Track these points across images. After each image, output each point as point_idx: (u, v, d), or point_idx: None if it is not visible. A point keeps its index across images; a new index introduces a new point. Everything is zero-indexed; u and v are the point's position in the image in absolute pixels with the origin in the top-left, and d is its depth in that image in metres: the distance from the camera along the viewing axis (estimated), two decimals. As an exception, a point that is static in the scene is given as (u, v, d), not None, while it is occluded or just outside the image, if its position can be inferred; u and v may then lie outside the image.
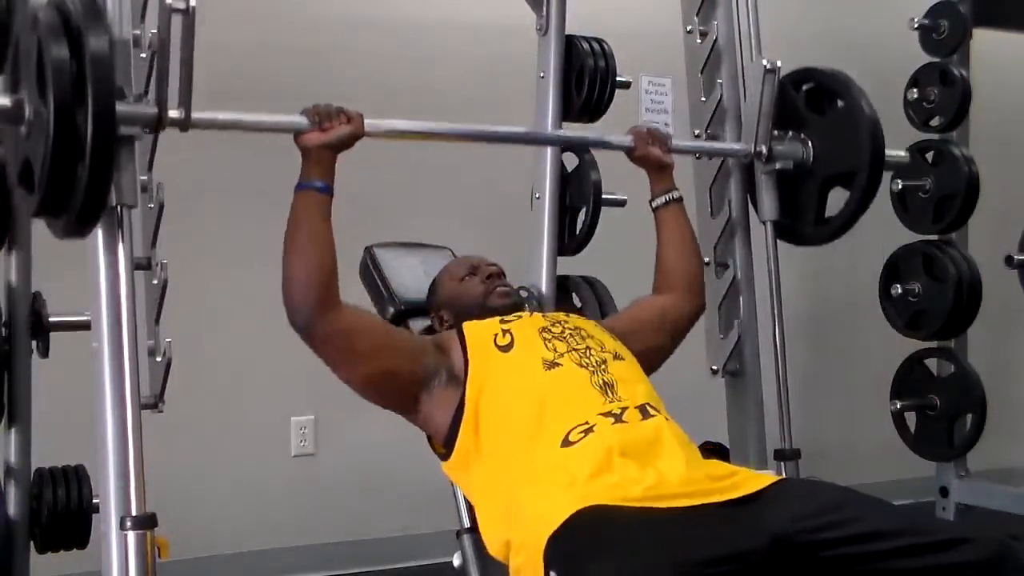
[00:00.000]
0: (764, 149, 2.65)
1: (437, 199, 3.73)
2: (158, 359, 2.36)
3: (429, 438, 2.18)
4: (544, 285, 2.63)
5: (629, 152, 2.42)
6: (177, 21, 1.82)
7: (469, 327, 2.14)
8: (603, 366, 2.05)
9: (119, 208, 1.85)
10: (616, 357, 2.10)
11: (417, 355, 2.10)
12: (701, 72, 2.89)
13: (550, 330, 2.13)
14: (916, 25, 3.84)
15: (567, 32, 2.74)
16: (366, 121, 2.11)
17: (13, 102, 1.77)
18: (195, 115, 1.95)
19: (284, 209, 2.08)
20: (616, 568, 1.58)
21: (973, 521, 3.86)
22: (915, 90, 3.79)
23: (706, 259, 2.84)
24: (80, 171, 1.68)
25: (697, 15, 2.90)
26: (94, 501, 2.19)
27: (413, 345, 2.15)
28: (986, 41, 4.05)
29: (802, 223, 2.71)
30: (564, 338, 2.11)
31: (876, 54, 4.34)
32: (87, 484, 2.23)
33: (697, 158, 2.88)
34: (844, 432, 4.29)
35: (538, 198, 2.69)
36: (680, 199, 2.44)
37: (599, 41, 2.75)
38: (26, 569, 2.23)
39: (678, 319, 2.38)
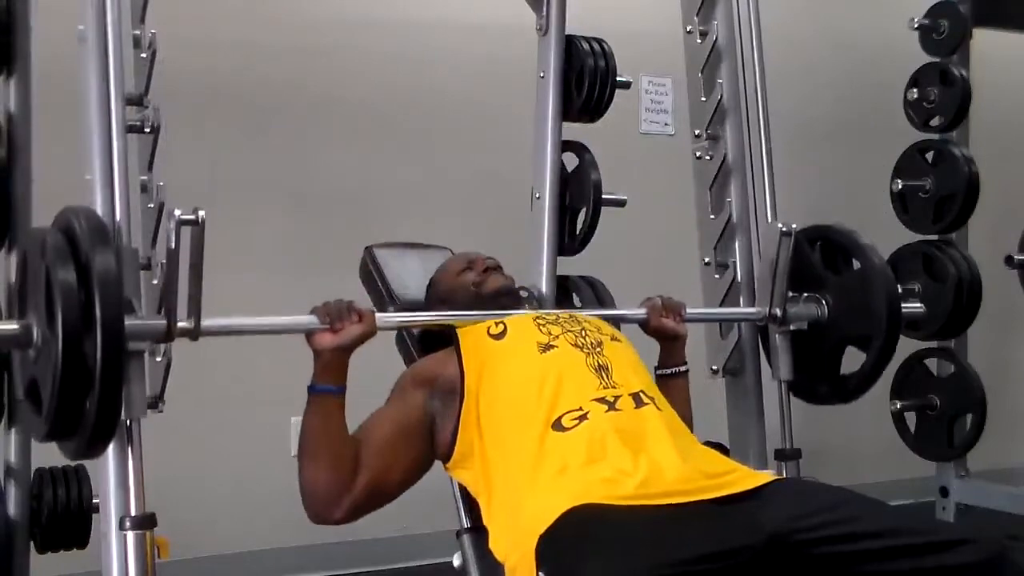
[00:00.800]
0: (779, 312, 2.62)
1: (437, 199, 3.73)
2: (158, 359, 2.36)
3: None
4: (544, 285, 2.63)
5: (643, 324, 2.39)
6: (186, 233, 1.83)
7: (464, 331, 2.15)
8: (599, 348, 2.06)
9: (128, 421, 1.86)
10: (613, 339, 2.12)
11: (415, 424, 2.10)
12: (701, 72, 2.89)
13: (544, 318, 2.15)
14: (916, 25, 3.84)
15: (567, 32, 2.73)
16: (377, 316, 2.11)
17: (22, 327, 1.76)
18: (205, 323, 1.95)
19: (284, 209, 2.08)
20: (605, 567, 1.58)
21: (973, 521, 3.86)
22: (915, 90, 3.79)
23: (706, 259, 2.85)
24: (89, 402, 1.67)
25: (697, 15, 2.90)
26: (94, 501, 2.19)
27: (411, 416, 2.11)
28: (986, 41, 4.05)
29: (816, 382, 2.69)
30: (559, 323, 2.12)
31: (876, 54, 4.35)
32: (87, 484, 2.23)
33: (698, 156, 2.88)
34: (844, 432, 4.28)
35: (538, 198, 2.69)
36: (686, 372, 2.41)
37: (599, 41, 2.75)
38: (26, 569, 2.22)
39: None
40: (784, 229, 2.57)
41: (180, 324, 1.91)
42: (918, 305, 2.91)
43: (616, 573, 1.56)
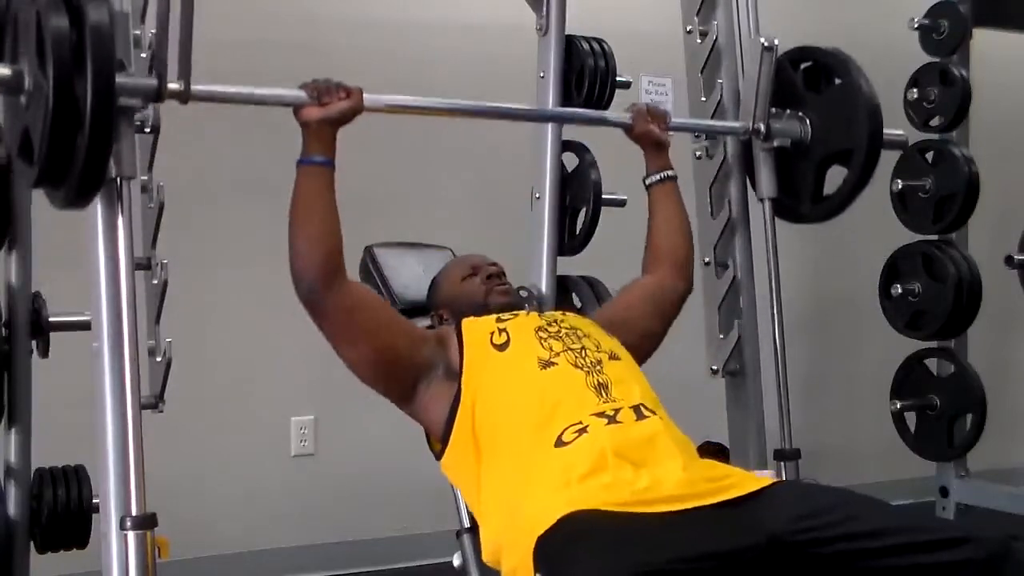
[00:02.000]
0: (762, 127, 2.66)
1: (437, 199, 3.73)
2: (158, 359, 2.36)
3: (427, 434, 2.19)
4: (544, 285, 2.63)
5: (627, 129, 2.45)
6: None
7: (467, 324, 2.15)
8: (598, 367, 2.05)
9: (119, 180, 1.86)
10: (612, 357, 2.10)
11: (418, 342, 2.11)
12: (701, 72, 2.89)
13: (546, 329, 2.13)
14: (916, 25, 3.84)
15: (567, 32, 2.74)
16: (365, 96, 2.12)
17: (12, 72, 1.77)
18: (194, 87, 1.94)
19: (284, 208, 2.08)
20: (601, 567, 1.58)
21: (973, 521, 3.86)
22: (915, 90, 3.79)
23: (706, 259, 2.85)
24: (79, 141, 1.68)
25: (697, 15, 2.90)
26: (94, 501, 2.19)
27: (414, 331, 2.16)
28: (986, 41, 4.05)
29: (800, 201, 2.72)
30: (560, 337, 2.11)
31: (876, 54, 4.32)
32: (87, 484, 2.23)
33: (697, 156, 2.88)
34: (844, 432, 4.29)
35: (538, 198, 2.69)
36: (674, 178, 2.46)
37: (599, 41, 2.76)
38: (26, 569, 2.23)
39: (666, 300, 2.37)
40: (766, 44, 2.62)
41: (170, 85, 1.91)
42: (900, 132, 2.88)
43: (613, 573, 1.56)
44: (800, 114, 2.67)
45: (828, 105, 2.65)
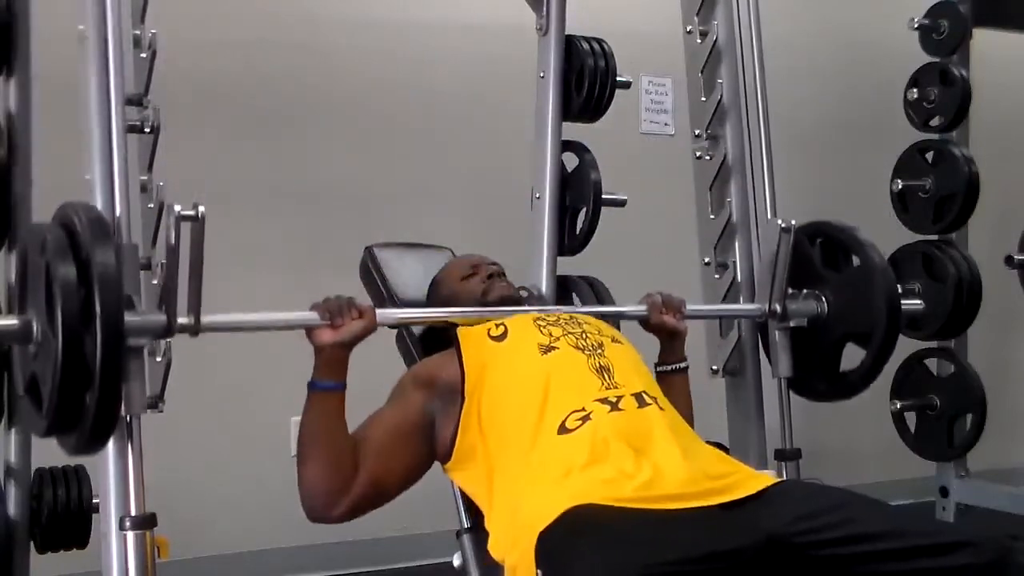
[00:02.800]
0: (779, 308, 2.62)
1: (437, 199, 3.73)
2: (158, 359, 2.36)
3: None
4: (544, 285, 2.63)
5: (643, 321, 2.39)
6: (186, 228, 1.82)
7: (463, 331, 2.15)
8: (599, 349, 2.05)
9: (129, 417, 1.86)
10: (613, 341, 2.11)
11: (422, 424, 2.10)
12: (701, 72, 2.89)
13: (544, 319, 2.15)
14: (916, 25, 3.84)
15: (567, 32, 2.74)
16: (378, 311, 2.11)
17: (21, 323, 1.76)
18: (205, 319, 1.94)
19: (284, 208, 2.08)
20: (600, 565, 1.58)
21: (973, 521, 3.86)
22: (915, 90, 3.79)
23: (706, 259, 2.85)
24: (90, 396, 1.67)
25: (697, 15, 2.90)
26: (94, 501, 2.19)
27: (409, 421, 2.11)
28: (986, 41, 4.05)
29: (816, 378, 2.68)
30: (559, 324, 2.12)
31: (876, 54, 4.35)
32: (87, 484, 2.23)
33: (698, 156, 2.88)
34: (844, 432, 4.28)
35: (538, 198, 2.69)
36: (686, 369, 2.40)
37: (599, 41, 2.75)
38: (26, 569, 2.22)
39: None
40: (784, 226, 2.57)
41: (180, 320, 1.91)
42: (918, 302, 2.91)
43: (611, 571, 1.56)
44: (817, 292, 2.63)
45: (845, 284, 2.61)
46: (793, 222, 2.58)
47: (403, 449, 2.08)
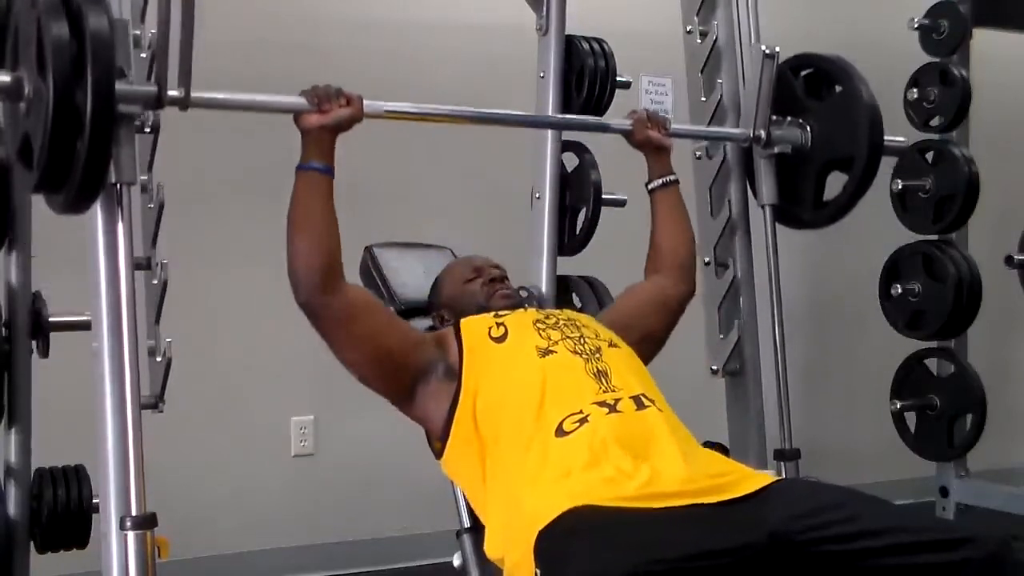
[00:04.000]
0: (763, 133, 2.67)
1: (437, 199, 3.73)
2: (158, 359, 2.36)
3: (427, 433, 2.19)
4: (544, 285, 2.63)
5: (628, 135, 2.45)
6: (177, 2, 1.82)
7: (465, 322, 2.16)
8: (597, 354, 2.06)
9: (118, 186, 1.86)
10: (611, 345, 2.12)
11: (416, 344, 2.12)
12: (701, 72, 2.90)
13: (544, 321, 2.15)
14: (916, 25, 3.84)
15: (567, 32, 2.74)
16: (365, 103, 2.12)
17: (12, 79, 1.77)
18: (194, 94, 1.95)
19: (284, 208, 2.08)
20: (597, 564, 1.58)
21: (973, 521, 3.86)
22: (915, 90, 3.79)
23: (706, 259, 2.85)
24: (79, 147, 1.68)
25: (697, 15, 2.90)
26: (94, 501, 2.19)
27: (413, 334, 2.17)
28: (986, 41, 4.05)
29: (800, 207, 2.73)
30: (558, 328, 2.12)
31: (876, 54, 4.32)
32: (87, 484, 2.23)
33: (697, 156, 2.88)
34: (844, 432, 4.29)
35: (538, 198, 2.70)
36: (676, 182, 2.47)
37: (599, 41, 2.76)
38: (26, 569, 2.23)
39: (669, 303, 2.38)
40: (767, 52, 2.63)
41: (170, 92, 1.91)
42: (901, 139, 2.91)
43: (609, 570, 1.56)
44: (801, 121, 2.68)
45: (829, 112, 2.66)
46: (777, 48, 2.64)
47: (388, 336, 2.09)
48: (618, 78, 2.74)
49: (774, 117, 2.68)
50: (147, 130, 2.37)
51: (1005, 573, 1.67)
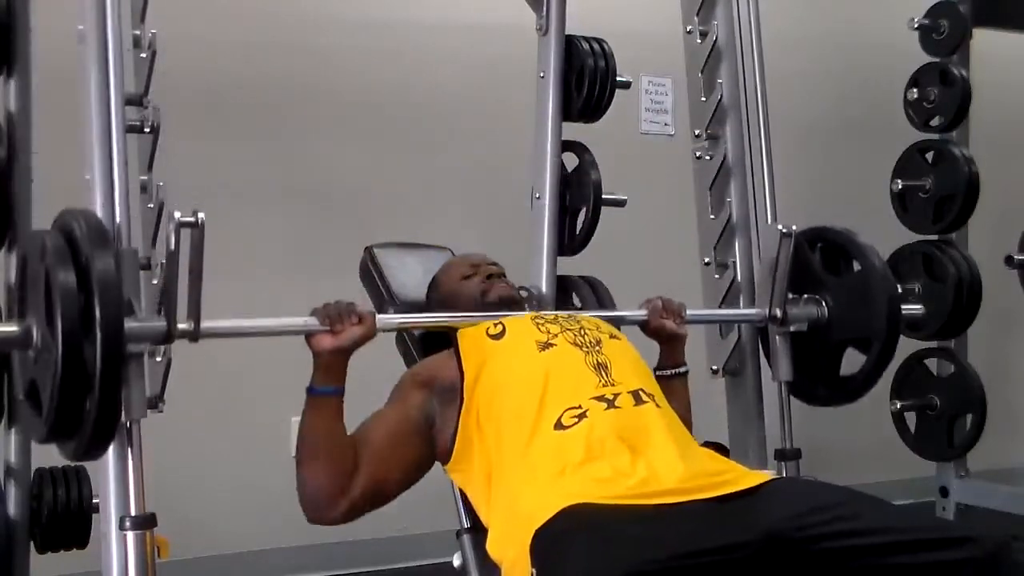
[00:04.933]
0: (779, 312, 2.61)
1: (437, 199, 3.73)
2: (158, 358, 2.36)
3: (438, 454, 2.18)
4: (544, 285, 2.63)
5: (643, 325, 2.39)
6: (186, 235, 1.83)
7: (462, 333, 2.16)
8: (597, 346, 2.06)
9: (128, 423, 1.86)
10: (612, 337, 2.12)
11: (421, 424, 2.10)
12: (701, 72, 2.89)
13: (543, 317, 2.16)
14: (916, 25, 3.84)
15: (567, 32, 2.74)
16: (378, 317, 2.11)
17: (22, 329, 1.76)
18: (205, 324, 1.94)
19: (284, 209, 2.08)
20: (593, 563, 1.58)
21: (973, 521, 3.86)
22: (915, 90, 3.79)
23: (706, 259, 2.85)
24: (89, 402, 1.67)
25: (697, 15, 2.90)
26: (94, 501, 2.19)
27: (413, 421, 2.11)
28: (986, 41, 4.04)
29: (816, 383, 2.68)
30: (557, 321, 2.13)
31: (876, 54, 4.35)
32: (87, 484, 2.23)
33: (698, 156, 2.88)
34: (844, 432, 4.28)
35: (538, 198, 2.69)
36: (686, 374, 2.41)
37: (599, 41, 2.75)
38: (26, 569, 2.22)
39: None
40: (784, 231, 2.57)
41: (180, 326, 1.91)
42: (918, 307, 2.91)
43: (604, 569, 1.56)
44: (817, 297, 2.62)
45: (846, 289, 2.60)
46: (794, 227, 2.58)
47: (402, 450, 2.08)
48: (618, 78, 2.74)
49: (790, 295, 2.62)
50: (147, 130, 2.37)
51: (1005, 573, 1.67)
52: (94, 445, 1.75)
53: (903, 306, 2.60)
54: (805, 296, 2.64)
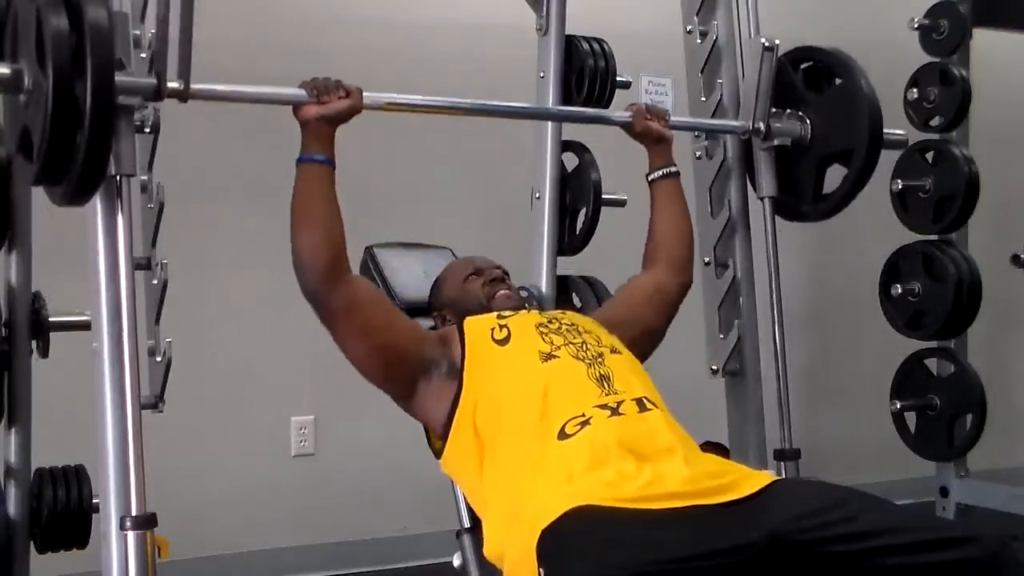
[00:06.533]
0: (762, 126, 2.67)
1: (437, 199, 3.73)
2: (158, 359, 2.36)
3: (426, 432, 2.19)
4: (544, 285, 2.63)
5: (628, 127, 2.46)
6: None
7: (469, 322, 2.16)
8: (600, 359, 2.06)
9: (118, 177, 1.86)
10: (613, 351, 2.11)
11: (420, 340, 2.13)
12: (701, 72, 2.90)
13: (547, 325, 2.15)
14: (916, 25, 3.84)
15: (567, 32, 2.74)
16: (364, 94, 2.13)
17: (12, 71, 1.78)
18: (194, 86, 1.95)
19: (285, 208, 2.08)
20: (598, 564, 1.58)
21: (973, 521, 3.86)
22: (915, 90, 3.79)
23: (706, 259, 2.85)
24: (79, 139, 1.69)
25: (697, 15, 2.90)
26: (94, 501, 2.19)
27: (417, 330, 2.17)
28: (986, 41, 4.05)
29: (800, 200, 2.73)
30: (561, 332, 2.12)
31: (876, 54, 4.32)
32: (87, 484, 2.23)
33: (697, 156, 2.88)
34: (844, 432, 4.29)
35: (538, 198, 2.69)
36: (676, 174, 2.48)
37: (599, 41, 2.76)
38: (26, 569, 2.22)
39: (667, 296, 2.38)
40: (767, 44, 2.63)
41: (170, 84, 1.91)
42: (901, 132, 2.89)
43: (611, 570, 1.56)
44: (800, 114, 2.69)
45: (828, 105, 2.66)
46: (777, 41, 2.64)
47: (396, 333, 2.09)
48: (618, 78, 2.74)
49: (773, 110, 2.68)
50: (147, 130, 2.37)
51: (1005, 573, 1.67)
52: (82, 188, 1.77)
53: (886, 130, 2.63)
54: (788, 111, 2.70)
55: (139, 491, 1.83)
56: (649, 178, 2.46)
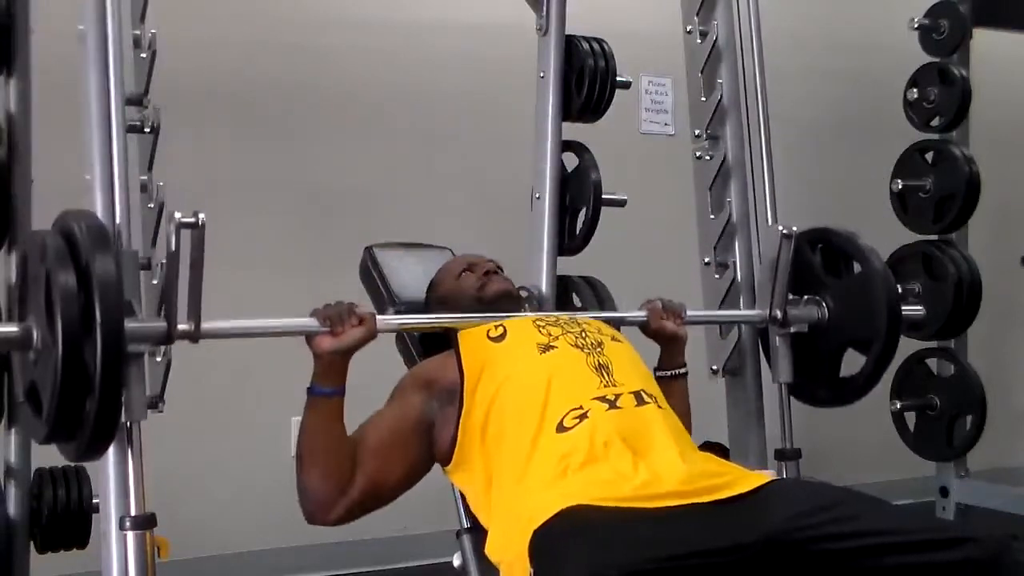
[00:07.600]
0: (779, 313, 2.60)
1: (437, 199, 3.73)
2: (158, 359, 2.36)
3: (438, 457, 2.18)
4: (544, 285, 2.63)
5: (643, 326, 2.38)
6: (186, 235, 1.82)
7: (463, 335, 2.15)
8: (599, 348, 2.06)
9: (128, 423, 1.86)
10: (613, 339, 2.12)
11: (421, 426, 2.10)
12: (701, 72, 2.89)
13: (544, 319, 2.16)
14: (916, 25, 3.84)
15: (567, 32, 2.74)
16: (378, 318, 2.09)
17: (22, 330, 1.76)
18: (205, 325, 1.93)
19: (284, 209, 2.08)
20: (592, 563, 1.58)
21: (973, 521, 3.86)
22: (915, 90, 3.79)
23: (706, 259, 2.85)
24: (89, 405, 1.67)
25: (697, 15, 2.90)
26: (94, 501, 2.19)
27: (412, 422, 2.11)
28: (986, 41, 4.05)
29: (816, 384, 2.67)
30: (559, 324, 2.13)
31: (876, 54, 4.35)
32: (87, 484, 2.23)
33: (698, 156, 2.88)
34: (844, 432, 4.28)
35: (538, 198, 2.69)
36: (686, 375, 2.40)
37: (599, 41, 2.75)
38: (26, 569, 2.22)
39: None
40: (785, 232, 2.56)
41: (180, 327, 1.91)
42: (918, 308, 2.90)
43: (603, 570, 1.56)
44: (817, 298, 2.61)
45: (846, 291, 2.59)
46: (795, 228, 2.57)
47: (402, 451, 2.08)
48: (618, 78, 2.74)
49: (791, 296, 2.61)
50: (147, 130, 2.37)
51: (1005, 573, 1.67)
52: (94, 446, 1.75)
53: (903, 307, 2.59)
54: (805, 297, 2.63)
55: (139, 491, 1.83)
56: (657, 374, 2.33)
